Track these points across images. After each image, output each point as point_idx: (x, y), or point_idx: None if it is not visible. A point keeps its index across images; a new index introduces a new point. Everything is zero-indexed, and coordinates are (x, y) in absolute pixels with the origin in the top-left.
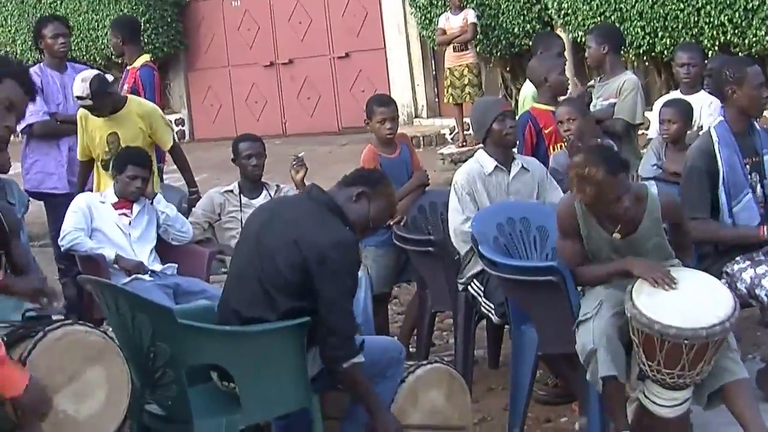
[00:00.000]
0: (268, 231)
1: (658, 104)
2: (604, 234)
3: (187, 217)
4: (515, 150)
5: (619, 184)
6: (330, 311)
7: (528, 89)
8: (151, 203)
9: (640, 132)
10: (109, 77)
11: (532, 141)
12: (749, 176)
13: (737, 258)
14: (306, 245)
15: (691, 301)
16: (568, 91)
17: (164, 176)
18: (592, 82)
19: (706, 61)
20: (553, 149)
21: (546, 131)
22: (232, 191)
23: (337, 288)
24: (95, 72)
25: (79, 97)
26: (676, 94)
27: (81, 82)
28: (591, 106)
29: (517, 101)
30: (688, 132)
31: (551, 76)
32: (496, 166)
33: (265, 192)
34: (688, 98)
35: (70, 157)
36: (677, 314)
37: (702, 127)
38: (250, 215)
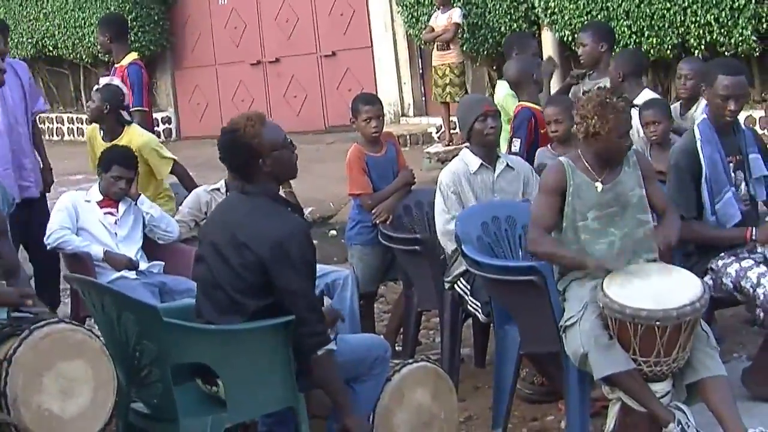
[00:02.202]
0: (219, 237)
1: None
2: (592, 185)
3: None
4: (501, 148)
5: (630, 121)
6: (294, 303)
7: (504, 90)
8: (135, 204)
9: None
10: (122, 90)
11: (531, 137)
12: (733, 174)
13: (722, 254)
14: (256, 245)
15: (660, 286)
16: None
17: None
18: (575, 72)
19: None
20: None
21: (542, 131)
22: (218, 189)
23: (297, 278)
24: (113, 83)
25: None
26: (649, 93)
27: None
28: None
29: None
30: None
31: (538, 74)
32: (482, 165)
33: None
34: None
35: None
36: (648, 298)
37: None
38: (204, 223)
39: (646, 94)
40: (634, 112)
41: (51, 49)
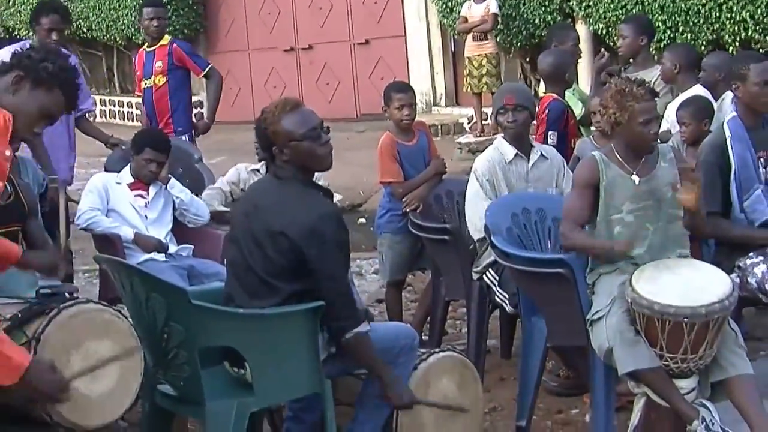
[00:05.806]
0: (253, 222)
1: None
2: (626, 178)
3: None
4: (533, 137)
5: (653, 108)
6: (327, 285)
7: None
8: (165, 188)
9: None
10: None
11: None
12: (763, 170)
13: (750, 253)
14: (292, 231)
15: (689, 282)
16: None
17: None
18: (609, 68)
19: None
20: (573, 143)
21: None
22: (258, 170)
23: (331, 261)
24: None
25: None
26: (700, 89)
27: None
28: None
29: (536, 91)
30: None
31: (570, 73)
32: (516, 154)
33: None
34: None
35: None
36: (676, 294)
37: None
38: (234, 207)
39: (698, 89)
40: (672, 108)
41: (85, 30)
